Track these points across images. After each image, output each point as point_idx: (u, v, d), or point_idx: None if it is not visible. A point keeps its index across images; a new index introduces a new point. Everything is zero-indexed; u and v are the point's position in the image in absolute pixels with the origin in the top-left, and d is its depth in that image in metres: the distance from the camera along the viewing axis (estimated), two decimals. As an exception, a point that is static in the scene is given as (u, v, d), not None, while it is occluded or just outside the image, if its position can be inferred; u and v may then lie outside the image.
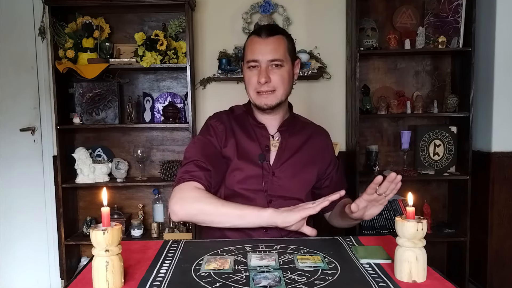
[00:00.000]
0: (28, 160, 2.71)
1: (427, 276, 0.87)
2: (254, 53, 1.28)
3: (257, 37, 1.30)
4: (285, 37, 1.32)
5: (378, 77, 2.68)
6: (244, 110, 1.41)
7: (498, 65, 2.38)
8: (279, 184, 1.30)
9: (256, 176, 1.29)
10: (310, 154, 1.36)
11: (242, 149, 1.32)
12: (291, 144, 1.35)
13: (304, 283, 0.84)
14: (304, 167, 1.34)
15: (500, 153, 2.39)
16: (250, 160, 1.30)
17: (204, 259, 0.98)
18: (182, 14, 2.50)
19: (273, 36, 1.28)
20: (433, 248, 2.66)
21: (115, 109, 2.54)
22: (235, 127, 1.36)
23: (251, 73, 1.30)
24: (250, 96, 1.34)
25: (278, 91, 1.29)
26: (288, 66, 1.30)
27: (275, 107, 1.31)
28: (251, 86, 1.30)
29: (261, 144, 1.33)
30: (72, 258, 2.64)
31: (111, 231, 0.81)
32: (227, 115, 1.40)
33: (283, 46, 1.29)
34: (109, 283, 0.82)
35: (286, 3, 2.60)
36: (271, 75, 1.27)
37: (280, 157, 1.32)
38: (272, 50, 1.27)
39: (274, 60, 1.27)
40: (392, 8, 2.62)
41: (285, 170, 1.31)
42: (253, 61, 1.28)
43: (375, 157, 2.58)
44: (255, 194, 1.28)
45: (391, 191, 1.09)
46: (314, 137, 1.41)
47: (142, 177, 2.60)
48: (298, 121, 1.44)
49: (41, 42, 2.62)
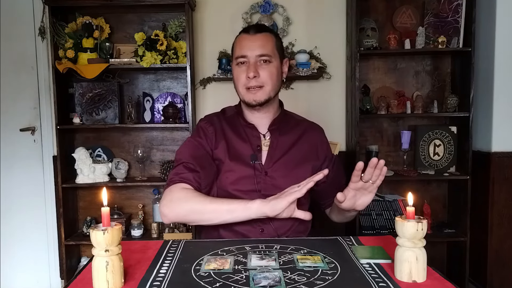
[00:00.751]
0: (28, 160, 2.71)
1: (427, 276, 0.87)
2: (242, 49, 1.29)
3: (245, 34, 1.32)
4: (273, 35, 1.34)
5: (378, 77, 2.68)
6: (235, 111, 1.41)
7: (498, 65, 2.38)
8: (273, 183, 1.29)
9: (249, 176, 1.29)
10: (303, 151, 1.36)
11: (233, 150, 1.32)
12: (282, 142, 1.35)
13: (304, 283, 0.84)
14: (298, 165, 1.33)
15: (500, 153, 2.39)
16: (242, 161, 1.30)
17: (204, 259, 0.98)
18: (182, 14, 2.50)
19: (261, 33, 1.30)
20: (433, 248, 2.66)
21: (115, 109, 2.54)
22: (226, 128, 1.36)
23: (239, 69, 1.30)
24: (239, 93, 1.34)
25: (266, 87, 1.29)
26: (276, 62, 1.31)
27: (264, 103, 1.31)
28: (240, 82, 1.31)
29: (252, 144, 1.33)
30: (72, 258, 2.64)
31: (111, 231, 0.81)
32: (217, 117, 1.41)
33: (271, 43, 1.31)
34: (109, 283, 0.82)
35: (286, 3, 2.60)
36: (259, 70, 1.28)
37: (272, 156, 1.32)
38: (260, 46, 1.28)
39: (263, 55, 1.28)
40: (392, 8, 2.62)
41: (278, 169, 1.31)
42: (242, 56, 1.29)
43: (375, 157, 2.57)
44: (248, 195, 1.27)
45: (377, 177, 1.10)
46: (307, 134, 1.40)
47: (142, 177, 2.60)
48: (290, 118, 1.43)
49: (41, 42, 2.62)
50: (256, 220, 1.23)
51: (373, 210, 2.51)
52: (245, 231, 1.25)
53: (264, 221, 1.24)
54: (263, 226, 1.26)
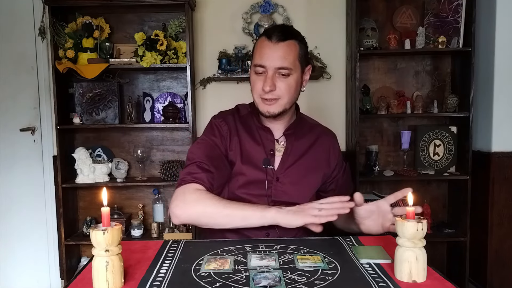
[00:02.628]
0: (28, 160, 2.71)
1: (427, 276, 0.87)
2: (262, 58, 1.22)
3: (267, 40, 1.22)
4: (298, 42, 1.25)
5: (378, 77, 2.68)
6: (249, 110, 1.36)
7: (498, 65, 2.38)
8: (283, 189, 1.27)
9: (259, 181, 1.26)
10: (316, 158, 1.33)
11: (246, 153, 1.29)
12: (296, 148, 1.32)
13: (304, 283, 0.84)
14: (309, 172, 1.31)
15: (500, 153, 2.39)
16: (253, 165, 1.27)
17: (204, 259, 0.98)
18: (182, 14, 2.50)
19: (284, 42, 1.21)
20: (433, 248, 2.66)
21: (115, 109, 2.54)
22: (240, 129, 1.32)
23: (257, 78, 1.24)
24: (254, 100, 1.29)
25: (282, 100, 1.23)
26: (296, 74, 1.24)
27: (278, 115, 1.26)
28: (255, 91, 1.26)
29: (265, 148, 1.29)
30: (72, 258, 2.64)
31: (111, 231, 0.81)
32: (232, 115, 1.35)
33: (294, 53, 1.22)
34: (109, 283, 0.82)
35: (286, 3, 2.60)
36: (277, 83, 1.21)
37: (285, 162, 1.29)
38: (281, 58, 1.20)
39: (282, 68, 1.21)
40: (392, 8, 2.62)
41: (289, 175, 1.28)
42: (260, 66, 1.22)
43: (375, 157, 2.58)
44: (257, 199, 1.25)
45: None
46: (320, 139, 1.36)
47: (142, 177, 2.60)
48: (305, 122, 1.39)
49: (41, 42, 2.62)
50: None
51: (373, 210, 2.51)
52: (251, 234, 1.23)
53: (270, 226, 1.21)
54: (269, 230, 1.24)
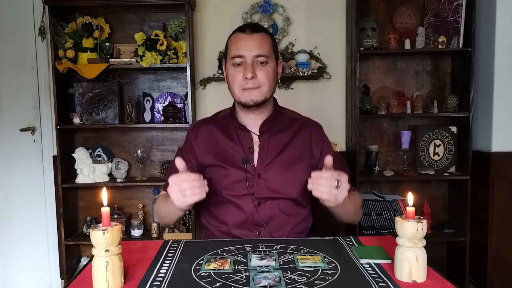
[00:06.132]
0: (28, 160, 2.71)
1: (427, 276, 0.87)
2: (239, 49, 1.26)
3: (241, 33, 1.28)
4: (269, 35, 1.32)
5: (378, 77, 2.68)
6: (228, 112, 1.39)
7: (498, 65, 2.38)
8: (267, 185, 1.27)
9: (242, 180, 1.26)
10: (298, 151, 1.32)
11: (226, 154, 1.30)
12: (275, 143, 1.31)
13: (304, 283, 0.84)
14: (292, 164, 1.29)
15: (500, 153, 2.39)
16: (234, 165, 1.27)
17: (204, 259, 0.98)
18: (182, 14, 2.50)
19: (257, 33, 1.28)
20: (433, 248, 2.66)
21: (115, 109, 2.54)
22: (217, 132, 1.34)
23: (235, 70, 1.27)
24: (234, 94, 1.31)
25: (263, 88, 1.26)
26: (272, 63, 1.29)
27: (261, 103, 1.28)
28: (235, 83, 1.28)
29: (244, 146, 1.30)
30: (72, 258, 2.64)
31: (111, 231, 0.81)
32: (208, 122, 1.39)
33: (268, 43, 1.28)
34: (109, 283, 0.82)
35: (286, 3, 2.60)
36: (257, 71, 1.25)
37: (263, 159, 1.29)
38: (258, 46, 1.25)
39: (260, 56, 1.25)
40: (392, 8, 2.62)
41: (271, 171, 1.28)
42: (238, 56, 1.25)
43: (375, 157, 2.58)
44: (242, 199, 1.26)
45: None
46: (301, 132, 1.35)
47: (142, 177, 2.60)
48: (285, 117, 1.38)
49: (41, 42, 2.62)
50: (252, 224, 1.25)
51: (373, 210, 2.51)
52: (242, 235, 1.25)
53: (259, 224, 1.25)
54: (259, 229, 1.26)
